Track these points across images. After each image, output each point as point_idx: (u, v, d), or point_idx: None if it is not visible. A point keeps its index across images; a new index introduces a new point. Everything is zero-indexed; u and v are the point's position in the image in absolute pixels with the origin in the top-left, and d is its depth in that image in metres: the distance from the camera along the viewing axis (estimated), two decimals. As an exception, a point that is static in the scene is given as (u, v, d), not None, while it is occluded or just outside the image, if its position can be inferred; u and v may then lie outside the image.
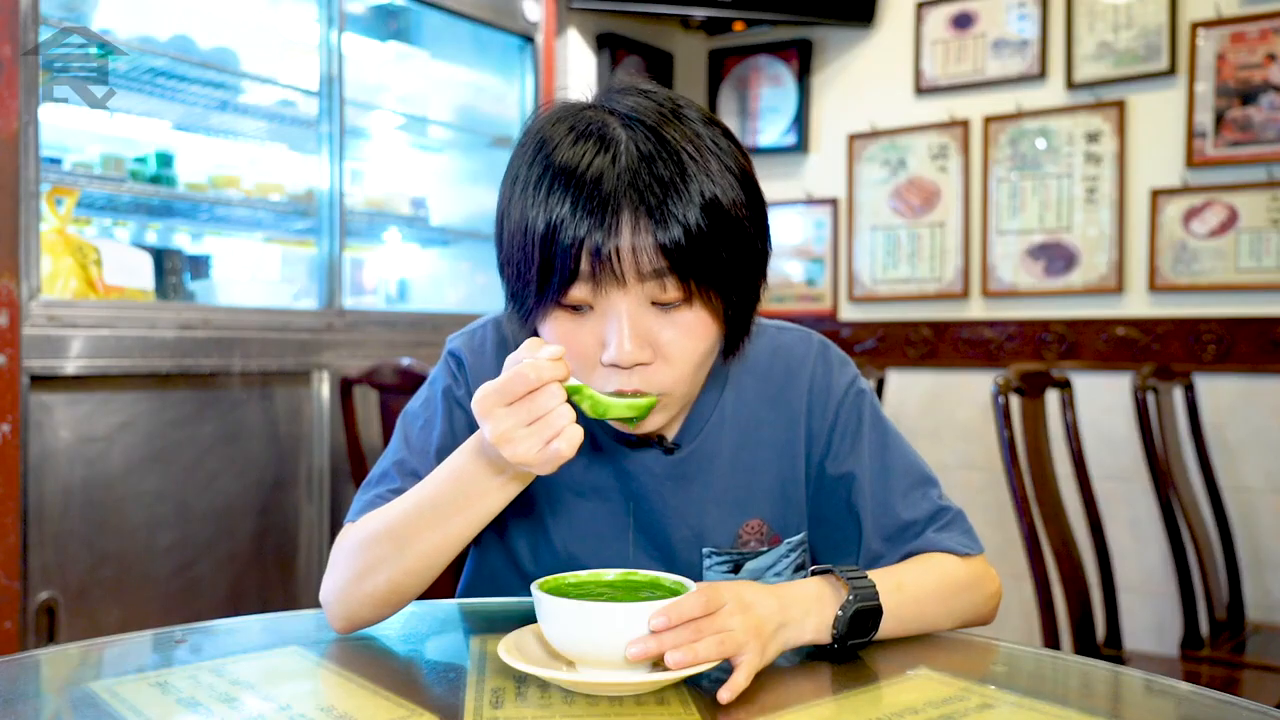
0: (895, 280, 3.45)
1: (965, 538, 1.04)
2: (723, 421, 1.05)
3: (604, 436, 1.04)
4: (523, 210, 0.87)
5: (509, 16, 3.25)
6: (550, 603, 0.80)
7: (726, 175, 0.88)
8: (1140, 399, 2.33)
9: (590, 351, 0.89)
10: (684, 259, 0.85)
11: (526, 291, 0.89)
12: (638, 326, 0.87)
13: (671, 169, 0.85)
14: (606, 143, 0.86)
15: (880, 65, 3.48)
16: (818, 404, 1.06)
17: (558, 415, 0.79)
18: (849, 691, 0.83)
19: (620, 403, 0.87)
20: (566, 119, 0.90)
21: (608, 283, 0.85)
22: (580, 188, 0.84)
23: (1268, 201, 2.86)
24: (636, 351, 0.87)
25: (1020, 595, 3.11)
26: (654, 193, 0.84)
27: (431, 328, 2.97)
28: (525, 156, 0.90)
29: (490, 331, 1.08)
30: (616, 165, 0.84)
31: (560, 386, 0.80)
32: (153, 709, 0.76)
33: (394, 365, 2.42)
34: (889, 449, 1.06)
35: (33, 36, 2.08)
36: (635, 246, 0.84)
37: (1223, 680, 2.20)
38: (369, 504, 1.01)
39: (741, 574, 1.05)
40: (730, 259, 0.88)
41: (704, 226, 0.85)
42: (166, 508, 2.35)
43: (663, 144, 0.86)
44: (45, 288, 2.19)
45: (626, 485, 1.04)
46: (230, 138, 2.91)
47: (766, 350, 1.07)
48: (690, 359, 0.90)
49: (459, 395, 1.06)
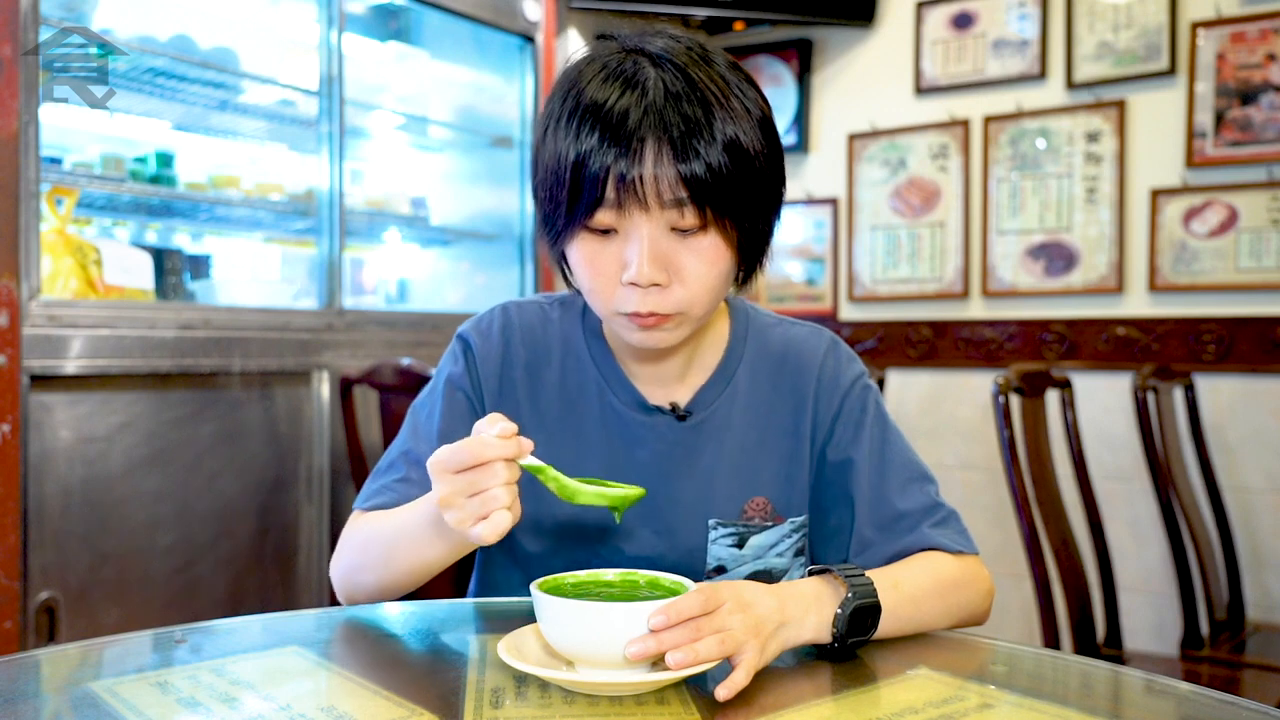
0: (895, 280, 3.45)
1: (960, 537, 1.05)
2: (734, 398, 1.09)
3: (617, 403, 1.07)
4: (556, 143, 0.93)
5: (509, 16, 3.25)
6: (550, 603, 0.80)
7: (748, 118, 0.93)
8: (1140, 399, 2.33)
9: (613, 272, 0.94)
10: (703, 191, 0.90)
11: (557, 214, 0.95)
12: (657, 250, 0.92)
13: (697, 108, 0.90)
14: (637, 80, 0.91)
15: (880, 65, 3.48)
16: (825, 392, 1.10)
17: (492, 496, 0.82)
18: (849, 691, 0.83)
19: (589, 489, 0.87)
20: (599, 59, 0.96)
21: (631, 207, 0.91)
22: (610, 121, 0.90)
23: (1268, 201, 2.86)
24: (654, 273, 0.92)
25: (1020, 595, 3.11)
26: (679, 128, 0.89)
27: (431, 328, 2.97)
28: (560, 94, 0.96)
29: (498, 315, 1.12)
30: (644, 101, 0.90)
31: (505, 465, 0.83)
32: (153, 709, 0.76)
33: (394, 365, 2.43)
34: (889, 443, 1.09)
35: (33, 36, 2.08)
36: (658, 176, 0.90)
37: (1223, 680, 2.20)
38: (376, 492, 1.07)
39: (746, 549, 1.07)
40: (746, 195, 0.93)
41: (724, 164, 0.91)
42: (166, 508, 2.35)
43: (690, 84, 0.91)
44: (45, 288, 2.20)
45: (637, 452, 1.07)
46: (230, 138, 2.91)
47: (780, 340, 1.12)
48: (704, 283, 0.95)
49: (458, 379, 1.10)
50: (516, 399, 1.09)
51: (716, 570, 1.08)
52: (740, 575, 1.08)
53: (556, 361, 1.10)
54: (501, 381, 1.09)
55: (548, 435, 1.07)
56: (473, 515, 0.83)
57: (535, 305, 1.13)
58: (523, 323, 1.11)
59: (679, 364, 1.08)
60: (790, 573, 1.10)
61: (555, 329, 1.11)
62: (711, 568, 1.08)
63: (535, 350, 1.10)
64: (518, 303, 1.13)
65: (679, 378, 1.09)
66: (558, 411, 1.09)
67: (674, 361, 1.08)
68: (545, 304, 1.14)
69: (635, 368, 1.09)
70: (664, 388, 1.09)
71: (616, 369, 1.09)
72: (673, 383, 1.09)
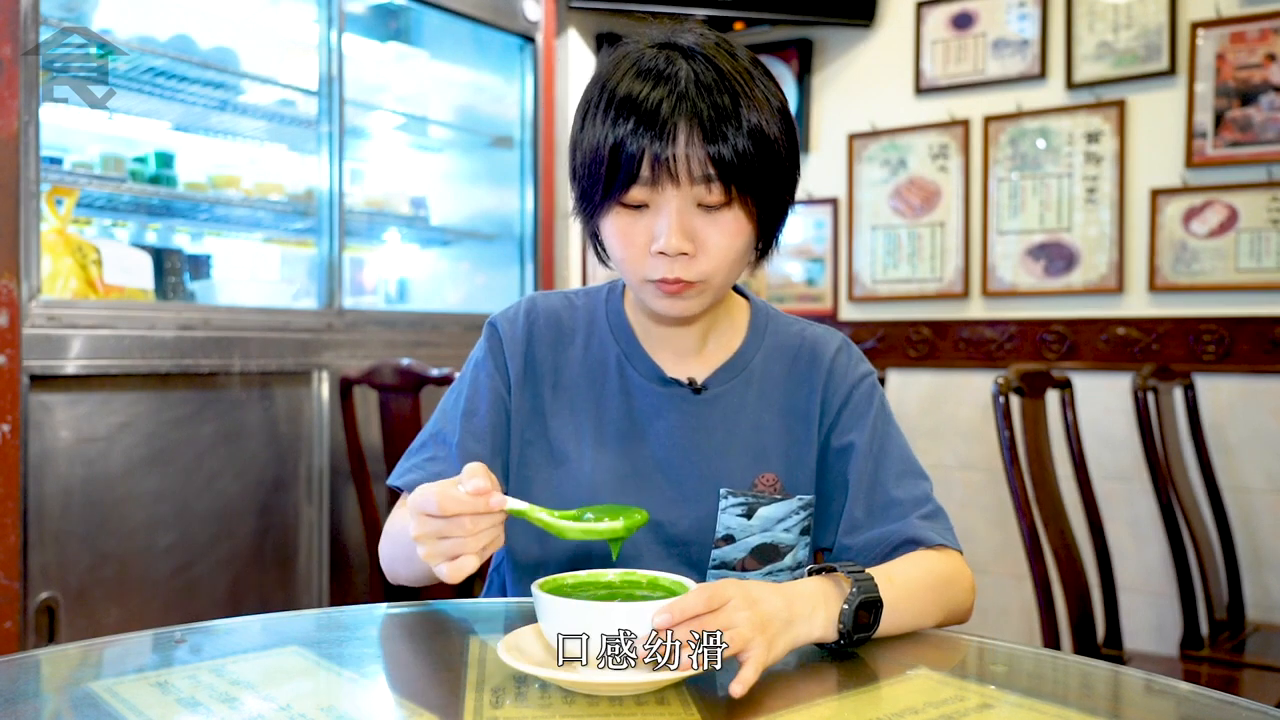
0: (895, 280, 3.45)
1: (947, 533, 1.09)
2: (750, 381, 1.16)
3: (636, 375, 1.14)
4: (595, 130, 1.02)
5: (509, 16, 3.25)
6: (550, 603, 0.80)
7: (769, 107, 1.03)
8: (1140, 399, 2.33)
9: (643, 243, 1.03)
10: (728, 171, 1.00)
11: (595, 191, 1.03)
12: (684, 223, 1.01)
13: (726, 97, 1.00)
14: (672, 70, 1.01)
15: (880, 65, 3.48)
16: (834, 383, 1.16)
17: (458, 543, 0.86)
18: (849, 691, 0.83)
19: (575, 527, 0.89)
20: (633, 54, 1.05)
21: (664, 183, 1.00)
22: (649, 107, 0.99)
23: (1268, 201, 2.86)
24: (681, 243, 1.01)
25: (1020, 595, 3.11)
26: (710, 116, 0.99)
27: (431, 328, 2.97)
28: (599, 85, 1.05)
29: (524, 303, 1.20)
30: (678, 89, 0.99)
31: (472, 520, 0.86)
32: (153, 709, 0.76)
33: (394, 365, 2.43)
34: (891, 437, 1.15)
35: (33, 36, 2.08)
36: (689, 156, 0.99)
37: (1223, 680, 2.20)
38: (407, 471, 1.13)
39: (754, 520, 1.11)
40: (766, 177, 1.03)
41: (748, 148, 1.00)
42: (166, 508, 2.35)
43: (720, 75, 1.00)
44: (45, 288, 2.20)
45: (654, 422, 1.13)
46: (230, 138, 2.91)
47: (795, 334, 1.20)
48: (725, 255, 1.04)
49: (484, 363, 1.17)
50: (539, 375, 1.16)
51: (725, 539, 1.11)
52: (748, 546, 1.11)
53: (580, 340, 1.18)
54: (526, 361, 1.16)
55: (571, 407, 1.14)
56: (440, 555, 0.87)
57: (560, 295, 1.23)
58: (547, 308, 1.19)
59: (695, 338, 1.16)
60: (795, 550, 1.13)
61: (580, 313, 1.20)
62: (720, 536, 1.11)
63: (560, 330, 1.18)
64: (544, 294, 1.22)
65: (696, 351, 1.16)
66: (580, 385, 1.16)
67: (691, 335, 1.15)
68: (570, 295, 1.23)
69: (654, 342, 1.16)
70: (682, 361, 1.16)
71: (636, 344, 1.16)
72: (690, 357, 1.16)
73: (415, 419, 2.33)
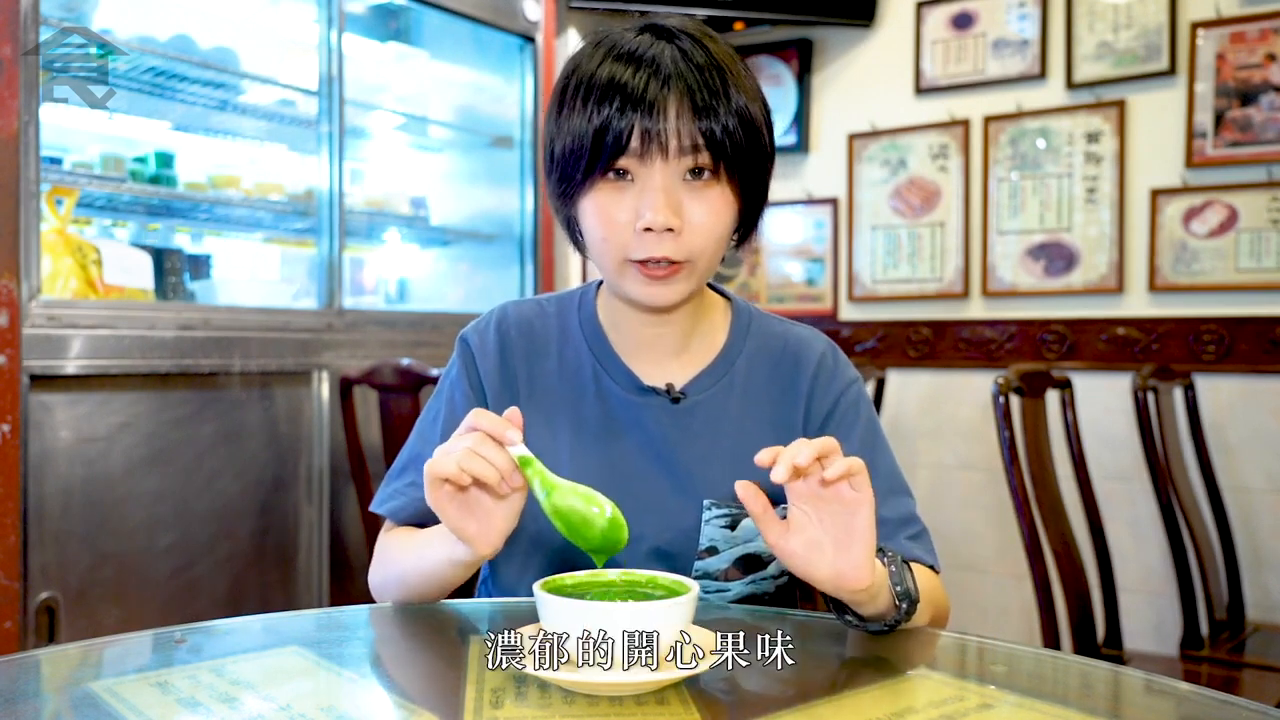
0: (895, 280, 3.45)
1: (932, 554, 1.09)
2: (731, 387, 1.13)
3: (613, 385, 1.11)
4: (577, 118, 1.00)
5: (509, 16, 3.25)
6: (550, 602, 0.80)
7: (753, 91, 1.04)
8: (1140, 399, 2.33)
9: (626, 221, 1.01)
10: (718, 147, 1.00)
11: (577, 169, 1.01)
12: (672, 197, 1.00)
13: (715, 75, 1.00)
14: (654, 51, 1.00)
15: (880, 65, 3.48)
16: (820, 390, 1.13)
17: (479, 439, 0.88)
18: (849, 691, 0.83)
19: (565, 484, 0.89)
20: (608, 40, 1.03)
21: (653, 154, 0.99)
22: (633, 88, 0.98)
23: (1268, 201, 2.86)
24: (669, 217, 0.99)
25: (1020, 595, 3.11)
26: (700, 92, 0.99)
27: (431, 328, 2.97)
28: (575, 75, 1.03)
29: (495, 314, 1.17)
30: (664, 70, 0.99)
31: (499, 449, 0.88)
32: (153, 709, 0.76)
33: (394, 365, 2.43)
34: (877, 450, 1.12)
35: (33, 36, 2.08)
36: (679, 128, 0.98)
37: (1223, 680, 2.20)
38: (389, 497, 1.13)
39: (738, 531, 1.09)
40: (749, 157, 1.03)
41: (735, 127, 1.00)
42: (166, 508, 2.35)
43: (709, 55, 1.01)
44: (45, 288, 2.19)
45: (632, 432, 1.10)
46: (230, 138, 2.91)
47: (779, 337, 1.17)
48: (710, 232, 1.02)
49: (459, 380, 1.15)
50: (516, 388, 1.13)
51: (709, 551, 1.09)
52: (731, 557, 1.09)
53: (554, 350, 1.14)
54: (502, 375, 1.13)
55: (547, 421, 1.11)
56: (456, 464, 0.87)
57: (532, 302, 1.19)
58: (519, 317, 1.16)
59: (674, 340, 1.12)
60: (779, 560, 1.11)
61: (552, 321, 1.16)
62: (704, 548, 1.09)
63: (533, 341, 1.15)
64: (515, 302, 1.19)
65: (674, 355, 1.13)
66: (556, 397, 1.12)
67: (669, 337, 1.12)
68: (542, 301, 1.19)
69: (630, 348, 1.13)
70: (659, 368, 1.12)
71: (611, 352, 1.13)
72: (668, 362, 1.12)
73: (415, 419, 2.32)
